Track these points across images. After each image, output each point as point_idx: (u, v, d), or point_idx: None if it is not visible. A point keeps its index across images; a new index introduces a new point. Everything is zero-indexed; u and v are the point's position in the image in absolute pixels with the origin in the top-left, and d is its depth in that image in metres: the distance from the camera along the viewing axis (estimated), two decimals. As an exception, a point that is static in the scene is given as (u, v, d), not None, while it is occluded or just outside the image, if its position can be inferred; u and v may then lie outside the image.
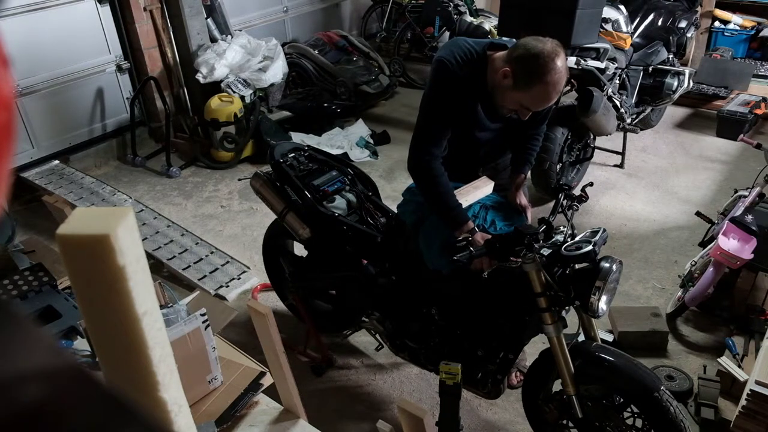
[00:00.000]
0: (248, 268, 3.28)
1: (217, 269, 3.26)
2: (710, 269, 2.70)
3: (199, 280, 3.16)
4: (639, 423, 1.93)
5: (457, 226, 1.87)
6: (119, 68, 4.59)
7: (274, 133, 4.54)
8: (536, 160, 3.64)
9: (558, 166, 3.66)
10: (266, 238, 2.78)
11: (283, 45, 5.08)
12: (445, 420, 1.92)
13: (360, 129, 4.94)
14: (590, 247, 1.73)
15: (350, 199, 2.42)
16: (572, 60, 3.53)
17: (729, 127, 4.65)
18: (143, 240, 3.36)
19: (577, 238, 1.83)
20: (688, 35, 4.68)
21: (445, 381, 1.89)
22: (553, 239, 1.88)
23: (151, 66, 4.65)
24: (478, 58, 1.87)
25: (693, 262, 2.97)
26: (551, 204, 2.49)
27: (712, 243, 2.75)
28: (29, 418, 0.30)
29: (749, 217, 2.74)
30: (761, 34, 5.76)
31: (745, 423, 2.03)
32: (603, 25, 3.84)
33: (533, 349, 2.11)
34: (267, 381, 1.74)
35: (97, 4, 4.34)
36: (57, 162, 4.27)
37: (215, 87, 4.52)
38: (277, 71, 4.66)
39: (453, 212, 1.88)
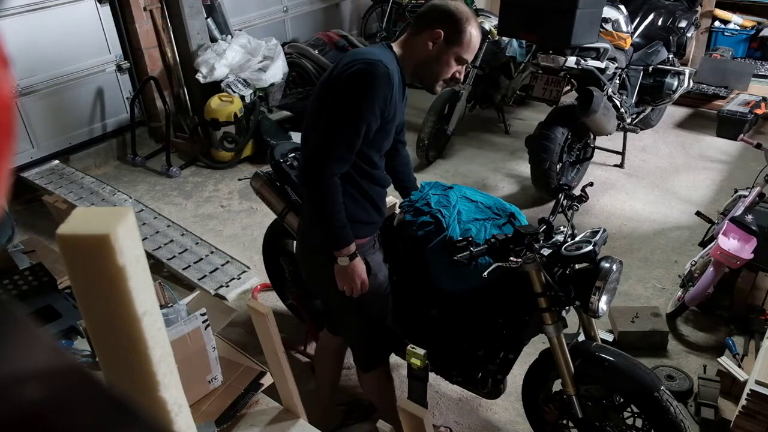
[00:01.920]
0: (248, 268, 3.28)
1: (217, 269, 3.26)
2: (710, 269, 2.70)
3: (199, 279, 3.16)
4: (639, 423, 1.93)
5: (340, 246, 1.77)
6: (119, 68, 4.59)
7: (274, 133, 4.54)
8: (537, 160, 3.69)
9: (558, 166, 3.66)
10: (266, 238, 2.78)
11: (283, 45, 5.08)
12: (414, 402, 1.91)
13: (360, 129, 4.93)
14: (590, 247, 1.73)
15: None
16: (572, 60, 3.53)
17: (729, 127, 4.65)
18: (143, 240, 3.36)
19: (577, 238, 1.83)
20: (688, 35, 4.68)
21: (414, 365, 1.88)
22: (553, 239, 1.88)
23: (151, 66, 4.65)
24: (392, 54, 1.78)
25: (693, 262, 2.97)
26: (551, 204, 2.49)
27: (712, 243, 2.75)
28: (29, 418, 0.30)
29: (749, 217, 2.74)
30: (761, 34, 5.76)
31: (745, 423, 2.03)
32: (603, 25, 3.84)
33: (533, 349, 2.11)
34: (267, 381, 1.74)
35: (97, 4, 4.34)
36: (57, 162, 4.27)
37: (215, 87, 4.52)
38: (277, 71, 4.66)
39: (341, 231, 1.76)
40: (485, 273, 1.72)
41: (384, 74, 1.65)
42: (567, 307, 1.90)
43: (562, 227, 1.92)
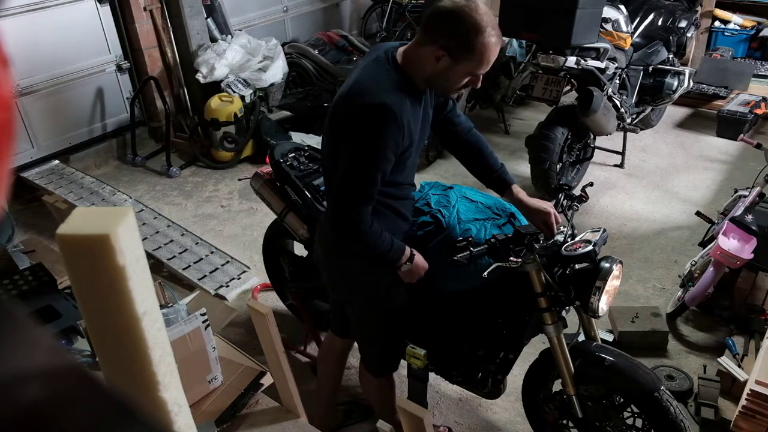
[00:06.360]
0: (248, 268, 3.28)
1: (217, 269, 3.26)
2: (710, 269, 2.70)
3: (199, 279, 3.16)
4: (639, 423, 1.93)
5: (397, 258, 1.75)
6: (119, 68, 4.59)
7: (274, 133, 4.54)
8: (537, 160, 3.69)
9: (558, 166, 3.66)
10: (266, 238, 2.78)
11: (283, 45, 5.08)
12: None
13: (360, 129, 4.92)
14: (590, 247, 1.73)
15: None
16: (572, 60, 3.53)
17: (729, 127, 4.65)
18: (143, 240, 3.36)
19: (577, 238, 1.83)
20: (688, 35, 4.68)
21: (414, 365, 1.88)
22: (553, 239, 1.88)
23: (151, 66, 4.65)
24: (395, 72, 1.63)
25: (693, 262, 2.97)
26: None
27: (712, 243, 2.75)
28: (29, 418, 0.30)
29: (749, 217, 2.74)
30: (761, 34, 5.76)
31: (745, 423, 2.03)
32: (603, 25, 3.83)
33: (533, 349, 2.11)
34: (267, 381, 1.74)
35: (97, 4, 4.34)
36: (57, 162, 4.27)
37: (215, 87, 4.52)
38: (277, 71, 4.65)
39: (391, 250, 1.73)
40: (485, 273, 1.72)
41: (390, 118, 1.54)
42: (567, 307, 1.90)
43: (562, 227, 1.92)
